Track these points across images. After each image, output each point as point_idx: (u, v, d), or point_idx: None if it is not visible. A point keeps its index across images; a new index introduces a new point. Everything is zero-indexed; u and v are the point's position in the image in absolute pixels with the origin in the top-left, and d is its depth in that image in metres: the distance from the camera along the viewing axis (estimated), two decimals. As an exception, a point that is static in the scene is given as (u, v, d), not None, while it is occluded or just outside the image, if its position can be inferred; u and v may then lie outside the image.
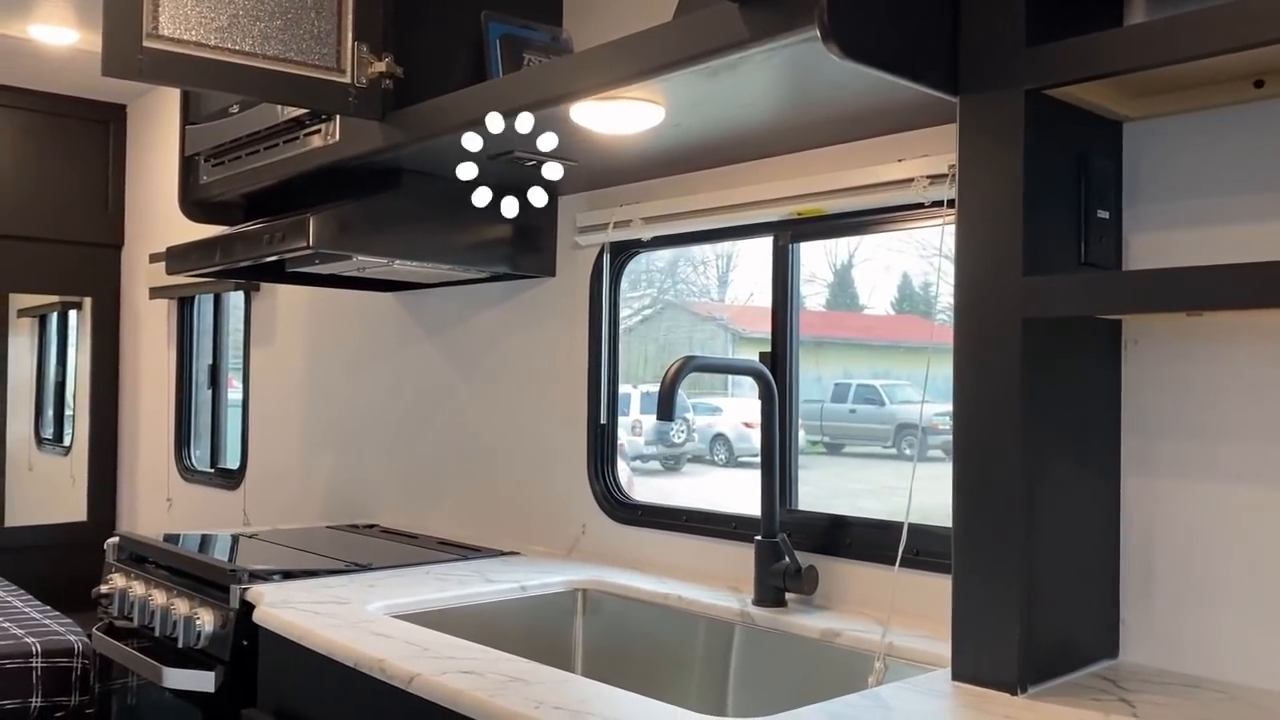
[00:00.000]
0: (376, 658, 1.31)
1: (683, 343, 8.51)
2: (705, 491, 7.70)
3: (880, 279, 5.99)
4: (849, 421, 6.76)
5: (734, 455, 9.02)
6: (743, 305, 7.79)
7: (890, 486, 6.03)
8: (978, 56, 1.20)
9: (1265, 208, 1.23)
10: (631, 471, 6.21)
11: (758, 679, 1.60)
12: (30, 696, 2.51)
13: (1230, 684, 1.22)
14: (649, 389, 9.80)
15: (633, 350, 8.15)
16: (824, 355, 6.91)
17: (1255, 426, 1.22)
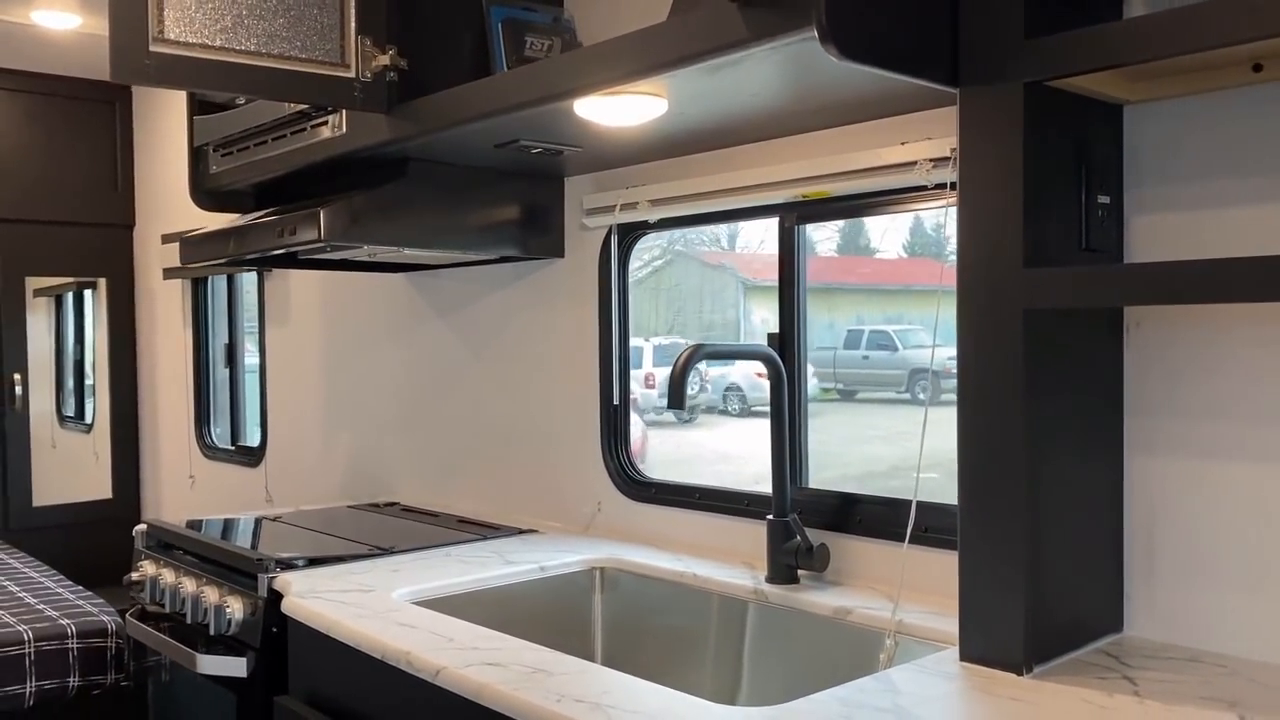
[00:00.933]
0: (403, 650, 1.36)
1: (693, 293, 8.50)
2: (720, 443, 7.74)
3: (892, 222, 5.97)
4: (862, 368, 6.78)
5: (748, 405, 9.04)
6: (753, 253, 7.78)
7: (902, 432, 6.04)
8: (977, 50, 1.21)
9: (1264, 191, 1.24)
10: (646, 425, 6.24)
11: (772, 656, 1.64)
12: (68, 676, 2.59)
13: (1230, 657, 1.26)
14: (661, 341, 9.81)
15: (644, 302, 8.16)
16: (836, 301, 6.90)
17: (1254, 407, 1.25)
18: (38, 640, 2.56)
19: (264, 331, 3.16)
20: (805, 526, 1.69)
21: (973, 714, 1.10)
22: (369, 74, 1.75)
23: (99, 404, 4.14)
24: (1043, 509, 1.23)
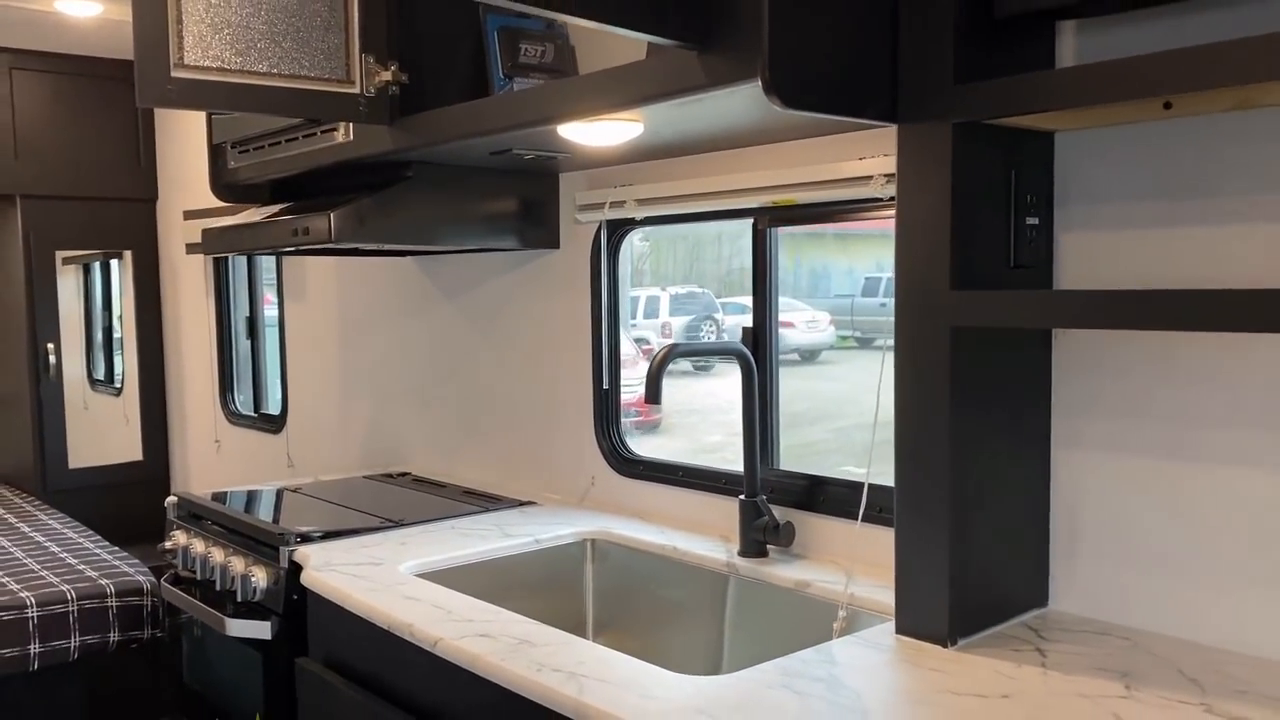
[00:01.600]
0: (406, 622, 1.53)
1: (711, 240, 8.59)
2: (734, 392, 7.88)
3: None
4: (879, 315, 6.91)
5: (766, 354, 9.19)
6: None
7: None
8: (911, 92, 1.34)
9: (1173, 214, 1.37)
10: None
11: (748, 624, 1.81)
12: (109, 632, 2.80)
13: (1136, 630, 1.42)
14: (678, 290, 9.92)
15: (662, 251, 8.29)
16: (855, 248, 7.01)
17: (1163, 409, 1.39)
18: (80, 599, 2.77)
19: (282, 307, 3.33)
20: (776, 505, 1.86)
21: (894, 683, 1.27)
22: (372, 89, 1.88)
23: (127, 369, 4.33)
24: (968, 498, 1.39)
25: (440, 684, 1.52)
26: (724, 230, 9.04)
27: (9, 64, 3.75)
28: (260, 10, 1.78)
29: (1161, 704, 1.18)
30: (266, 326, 3.73)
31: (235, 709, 2.16)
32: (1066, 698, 1.20)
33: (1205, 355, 1.35)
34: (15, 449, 4.14)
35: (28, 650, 2.67)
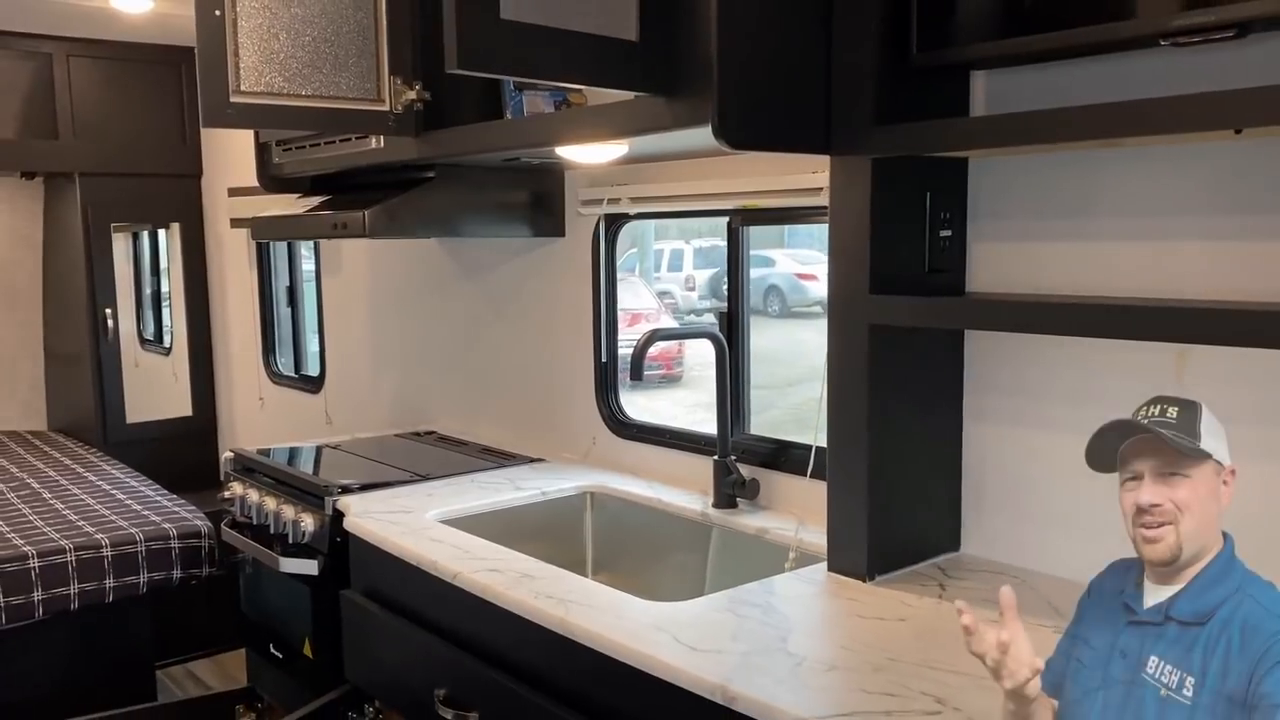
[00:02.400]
0: (431, 559, 1.88)
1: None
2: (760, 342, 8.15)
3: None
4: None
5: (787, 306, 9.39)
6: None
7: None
8: (839, 132, 1.63)
9: (1063, 231, 1.66)
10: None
11: (724, 565, 2.14)
12: (172, 569, 3.18)
13: (1028, 571, 1.73)
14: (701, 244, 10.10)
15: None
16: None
17: (1051, 390, 1.69)
18: (147, 541, 3.14)
19: (319, 280, 3.66)
20: (745, 464, 2.18)
21: (815, 609, 1.59)
22: (400, 107, 2.19)
23: (176, 331, 4.69)
24: (884, 462, 1.70)
25: (458, 610, 1.86)
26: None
27: (66, 52, 4.07)
28: (303, 42, 2.08)
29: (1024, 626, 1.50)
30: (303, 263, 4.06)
31: (288, 635, 2.53)
32: (949, 620, 1.52)
33: (1083, 351, 1.65)
34: (78, 404, 4.52)
35: (103, 585, 3.05)
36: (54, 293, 4.64)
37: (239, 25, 2.02)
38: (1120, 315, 1.43)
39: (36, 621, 2.93)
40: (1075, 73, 1.59)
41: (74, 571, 2.97)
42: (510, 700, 1.72)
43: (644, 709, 1.50)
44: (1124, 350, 1.59)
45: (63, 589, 2.96)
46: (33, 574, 2.90)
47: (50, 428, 4.83)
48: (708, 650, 1.44)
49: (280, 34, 2.07)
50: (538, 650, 1.68)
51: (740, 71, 1.54)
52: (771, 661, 1.39)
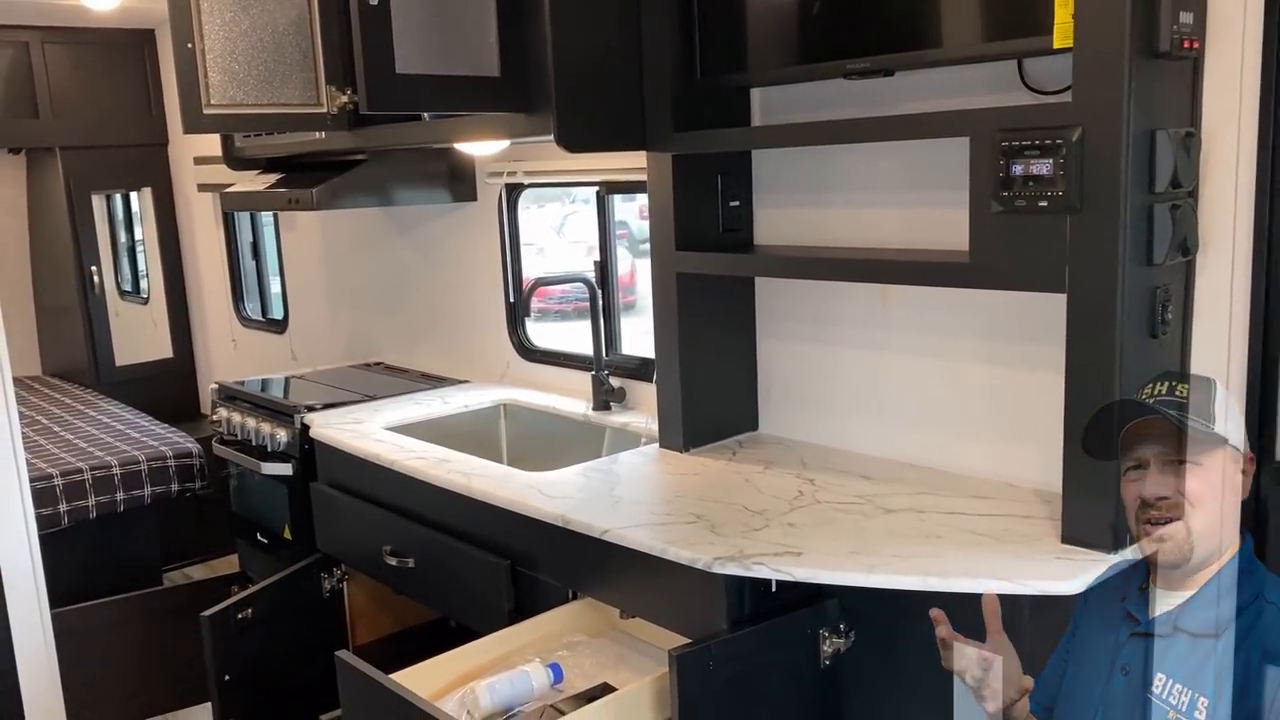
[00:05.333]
0: (376, 454, 2.56)
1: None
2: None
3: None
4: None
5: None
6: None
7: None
8: (649, 135, 2.28)
9: (812, 200, 2.33)
10: (635, 258, 6.95)
11: (598, 450, 2.83)
12: (170, 483, 3.84)
13: (797, 441, 2.43)
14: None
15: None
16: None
17: (816, 315, 2.38)
18: (148, 460, 3.80)
19: (279, 237, 4.28)
20: (617, 377, 2.86)
21: (640, 471, 2.29)
22: (335, 109, 2.80)
23: (152, 283, 5.28)
24: (696, 368, 2.38)
25: (397, 488, 2.55)
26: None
27: (41, 39, 4.59)
28: (256, 64, 2.69)
29: (778, 473, 2.20)
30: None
31: (270, 524, 3.21)
32: (727, 473, 2.23)
33: (826, 287, 2.33)
34: (71, 352, 5.12)
35: (114, 498, 3.71)
36: (42, 254, 5.21)
37: (205, 54, 2.63)
38: (842, 265, 2.10)
39: (63, 529, 3.59)
40: (811, 88, 2.25)
41: (90, 487, 3.63)
42: (437, 547, 2.42)
43: (521, 538, 2.20)
44: (850, 286, 2.28)
45: (82, 502, 3.62)
46: (57, 490, 3.56)
47: (45, 372, 5.44)
48: (559, 497, 2.13)
49: (238, 58, 2.67)
50: (452, 510, 2.37)
51: (573, 96, 2.18)
52: (599, 501, 2.09)
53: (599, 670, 1.99)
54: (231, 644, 2.61)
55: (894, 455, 2.26)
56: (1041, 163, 1.64)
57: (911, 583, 1.64)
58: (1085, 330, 1.65)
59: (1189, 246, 1.69)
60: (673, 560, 1.82)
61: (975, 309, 2.08)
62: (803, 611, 1.85)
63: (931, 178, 2.11)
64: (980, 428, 2.11)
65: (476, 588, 2.31)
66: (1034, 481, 2.02)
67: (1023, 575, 1.60)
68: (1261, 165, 1.66)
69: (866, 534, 1.82)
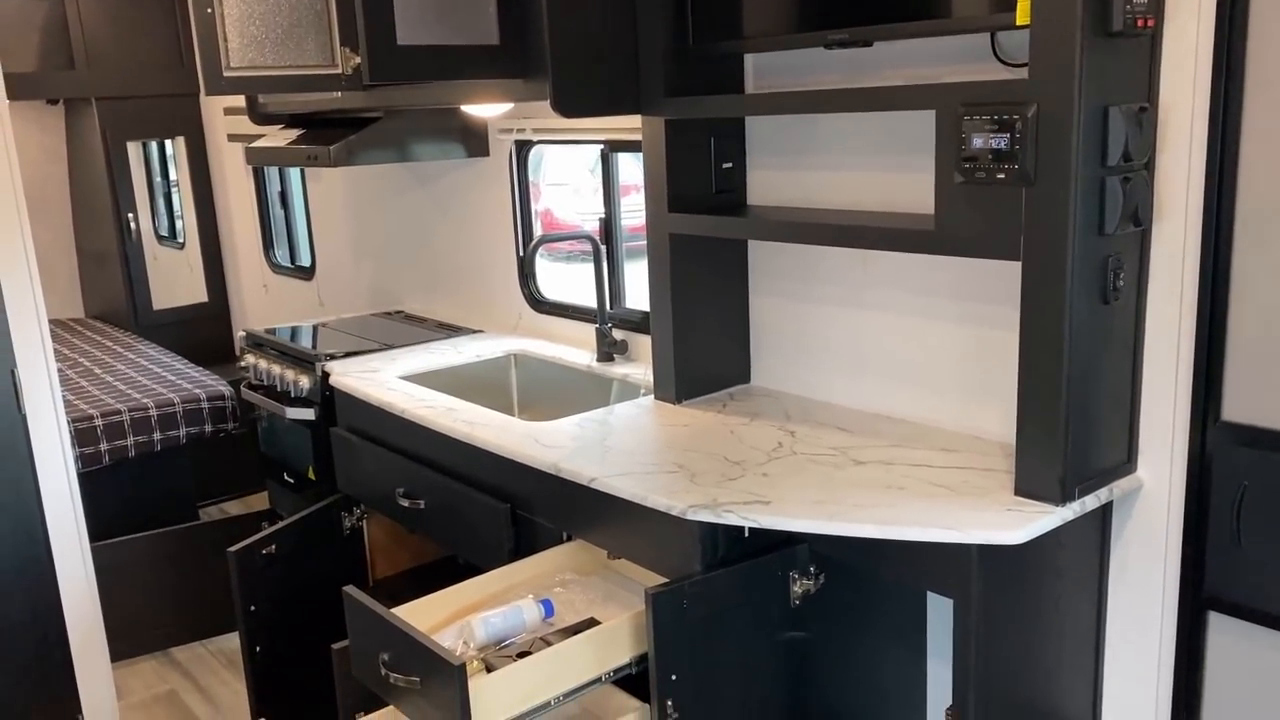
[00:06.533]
0: (389, 402, 2.71)
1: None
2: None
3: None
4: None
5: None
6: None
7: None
8: (644, 100, 2.37)
9: (799, 163, 2.41)
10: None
11: (600, 401, 2.97)
12: (204, 424, 4.04)
13: (784, 393, 2.55)
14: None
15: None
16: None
17: (804, 274, 2.48)
18: (183, 403, 3.99)
19: (305, 187, 4.41)
20: (621, 330, 2.98)
21: (634, 421, 2.42)
22: (350, 70, 2.90)
23: (187, 229, 5.45)
24: (689, 324, 2.49)
25: (410, 435, 2.70)
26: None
27: (76, -8, 4.73)
28: (273, 26, 2.80)
29: (762, 426, 2.32)
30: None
31: (296, 465, 3.39)
32: (714, 425, 2.35)
33: (821, 248, 2.42)
34: (111, 296, 5.33)
35: (152, 438, 3.91)
36: (81, 200, 5.39)
37: (224, 19, 2.74)
38: (820, 230, 2.19)
39: (104, 467, 3.80)
40: (802, 53, 2.33)
41: (129, 427, 3.83)
42: (445, 490, 2.57)
43: (520, 483, 2.35)
44: (834, 249, 2.37)
45: (121, 441, 3.82)
46: (98, 430, 3.76)
47: (87, 315, 5.66)
48: (554, 447, 2.27)
49: (256, 21, 2.78)
50: (458, 456, 2.52)
51: (569, 63, 2.27)
52: (591, 450, 2.23)
53: (588, 606, 2.14)
54: (256, 578, 2.80)
55: (872, 408, 2.37)
56: (1000, 137, 1.72)
57: (868, 530, 1.76)
58: (1038, 295, 1.74)
59: (1141, 217, 1.76)
60: (651, 507, 1.95)
61: (947, 272, 2.17)
62: (773, 555, 1.98)
63: (911, 144, 2.19)
64: (951, 383, 2.21)
65: (480, 529, 2.46)
66: (1000, 435, 2.12)
67: (971, 525, 1.72)
68: (1212, 138, 1.72)
69: (834, 484, 1.94)
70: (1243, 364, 1.77)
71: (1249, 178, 1.72)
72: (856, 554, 1.95)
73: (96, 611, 2.78)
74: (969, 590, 1.77)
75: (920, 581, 1.96)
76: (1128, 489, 1.91)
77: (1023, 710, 1.94)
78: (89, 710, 2.78)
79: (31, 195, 5.17)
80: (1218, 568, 1.84)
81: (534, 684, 1.85)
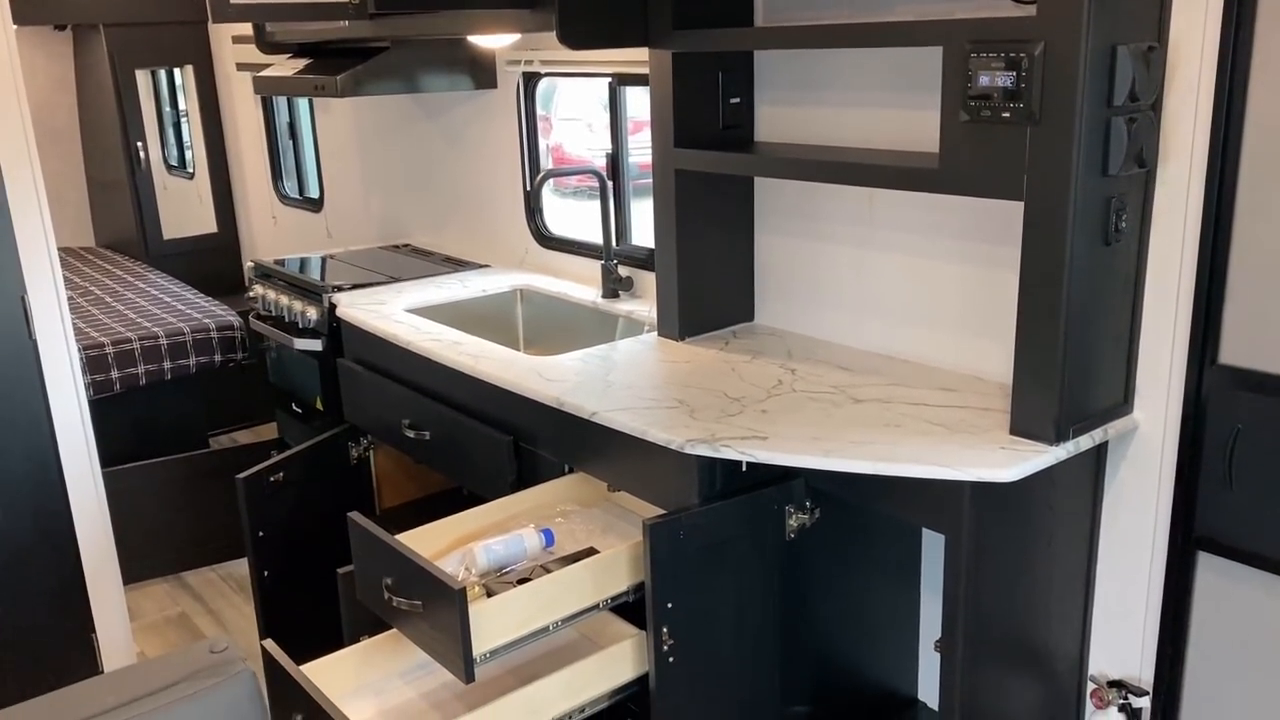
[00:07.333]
0: (394, 334, 2.73)
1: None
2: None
3: None
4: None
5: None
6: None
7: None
8: (651, 34, 2.35)
9: (808, 99, 2.40)
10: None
11: (605, 336, 2.98)
12: (213, 354, 4.08)
13: (788, 332, 2.56)
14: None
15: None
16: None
17: (810, 212, 2.47)
18: (192, 332, 4.03)
19: (314, 118, 4.39)
20: (626, 266, 2.99)
21: (636, 357, 2.44)
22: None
23: (196, 159, 5.44)
24: (693, 261, 2.50)
25: (415, 368, 2.73)
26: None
27: (82, -84, 4.67)
28: (281, -47, 2.77)
29: (764, 363, 2.34)
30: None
31: (304, 395, 3.43)
32: (716, 362, 2.37)
33: (827, 186, 2.41)
34: (122, 225, 5.35)
35: (162, 366, 3.96)
36: (91, 129, 5.39)
37: (232, -56, 2.72)
38: (825, 167, 2.18)
39: (116, 395, 3.85)
40: (816, -13, 2.30)
41: (140, 356, 3.87)
42: (449, 422, 2.61)
43: (523, 416, 2.38)
44: (841, 188, 2.37)
45: (132, 369, 3.87)
46: (109, 358, 3.80)
47: (98, 244, 5.68)
48: (556, 381, 2.29)
49: (263, -53, 2.76)
50: (463, 388, 2.55)
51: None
52: (593, 385, 2.25)
53: (587, 536, 2.18)
54: (264, 504, 2.85)
55: (873, 348, 2.39)
56: (1006, 75, 1.71)
57: (862, 466, 1.78)
58: (1039, 236, 1.74)
59: (1145, 158, 1.76)
60: (651, 441, 1.98)
61: (951, 211, 2.16)
62: (770, 489, 2.01)
63: (921, 81, 2.17)
64: (952, 323, 2.22)
65: (483, 460, 2.50)
66: (999, 376, 2.14)
67: (964, 463, 1.74)
68: (1220, 79, 1.71)
69: (831, 421, 1.96)
70: (1242, 307, 1.77)
71: (1256, 120, 1.70)
72: (852, 490, 1.98)
73: (108, 535, 2.84)
74: (960, 526, 1.80)
75: (913, 517, 1.99)
76: (1123, 430, 1.93)
77: (1011, 644, 1.98)
78: (103, 630, 2.85)
79: (41, 123, 5.17)
80: (1209, 509, 1.87)
81: (533, 609, 1.90)
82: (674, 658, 1.95)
